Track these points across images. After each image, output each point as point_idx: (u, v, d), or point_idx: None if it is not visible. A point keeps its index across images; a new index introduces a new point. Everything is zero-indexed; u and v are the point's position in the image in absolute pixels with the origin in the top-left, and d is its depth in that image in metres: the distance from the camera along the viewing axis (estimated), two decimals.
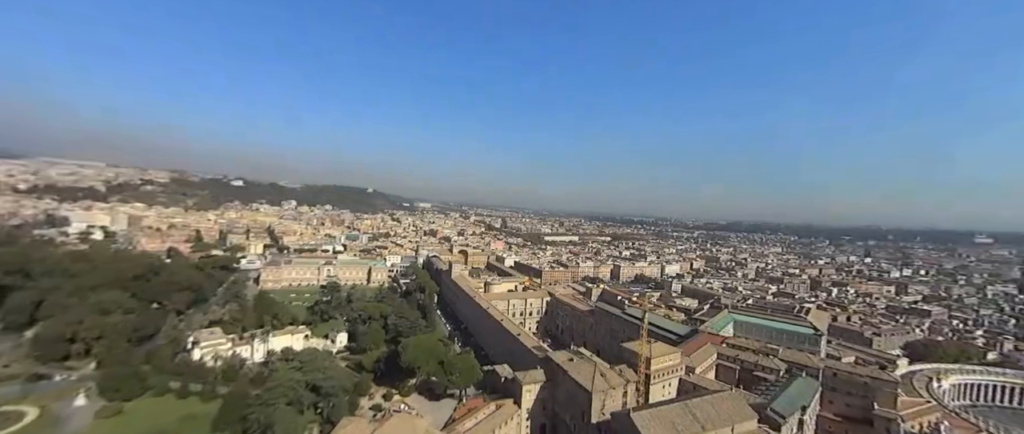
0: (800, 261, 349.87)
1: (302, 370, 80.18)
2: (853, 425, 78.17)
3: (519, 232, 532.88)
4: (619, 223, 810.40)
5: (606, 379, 71.25)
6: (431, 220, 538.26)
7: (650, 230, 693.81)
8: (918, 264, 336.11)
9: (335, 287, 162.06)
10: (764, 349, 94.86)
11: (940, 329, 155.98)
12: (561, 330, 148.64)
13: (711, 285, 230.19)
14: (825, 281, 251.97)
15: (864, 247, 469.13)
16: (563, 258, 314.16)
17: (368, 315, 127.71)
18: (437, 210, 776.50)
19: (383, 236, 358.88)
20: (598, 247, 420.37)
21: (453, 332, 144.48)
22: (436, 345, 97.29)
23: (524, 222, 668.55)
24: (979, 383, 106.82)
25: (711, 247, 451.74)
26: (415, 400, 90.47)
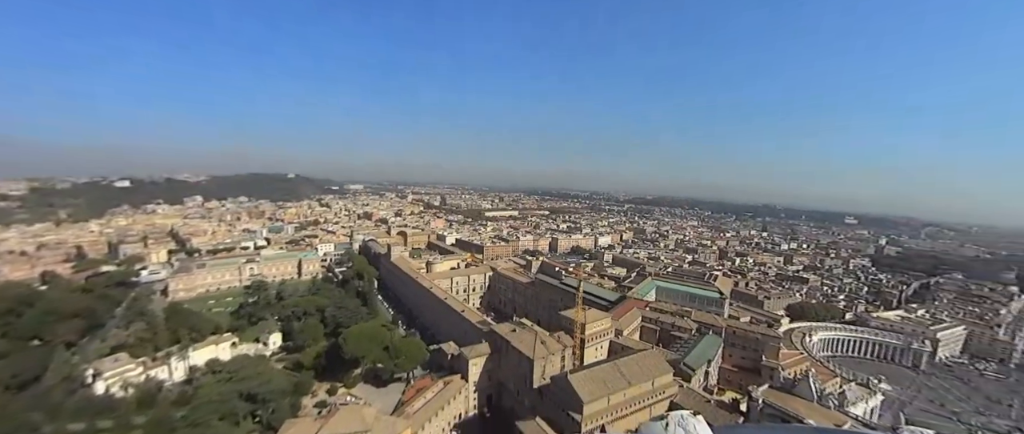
0: (711, 234, 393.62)
1: (233, 380, 75.53)
2: (746, 374, 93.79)
3: (459, 209, 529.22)
4: (557, 197, 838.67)
5: (546, 346, 77.03)
6: (365, 203, 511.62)
7: (585, 204, 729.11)
8: (802, 239, 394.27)
9: (262, 286, 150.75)
10: (680, 311, 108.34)
11: (814, 294, 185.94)
12: (504, 303, 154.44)
13: (638, 255, 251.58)
14: (730, 251, 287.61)
15: (762, 222, 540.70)
16: (504, 233, 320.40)
17: (303, 310, 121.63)
18: (371, 192, 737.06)
19: (312, 224, 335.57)
20: (537, 221, 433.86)
21: (396, 316, 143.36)
22: (379, 331, 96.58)
23: (464, 199, 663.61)
24: (838, 338, 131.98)
25: (639, 220, 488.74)
26: (361, 390, 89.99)
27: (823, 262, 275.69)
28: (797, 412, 62.71)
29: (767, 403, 64.85)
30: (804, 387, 70.24)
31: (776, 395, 68.98)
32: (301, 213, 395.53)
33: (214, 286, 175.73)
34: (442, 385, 79.56)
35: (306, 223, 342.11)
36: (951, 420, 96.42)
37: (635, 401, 66.70)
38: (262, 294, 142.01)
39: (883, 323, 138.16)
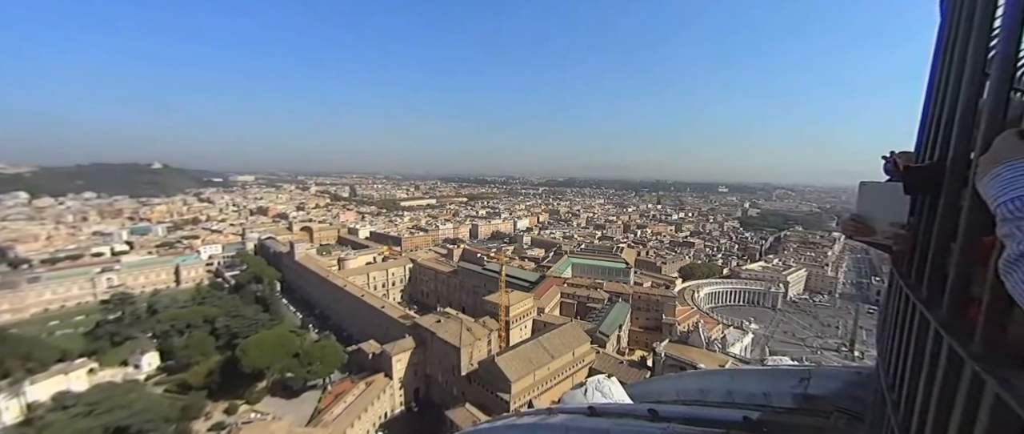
0: (616, 210, 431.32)
1: (94, 414, 62.00)
2: (650, 333, 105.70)
3: (372, 200, 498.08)
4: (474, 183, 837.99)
5: (472, 333, 77.72)
6: (258, 196, 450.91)
7: (502, 188, 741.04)
8: (688, 208, 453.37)
9: (126, 299, 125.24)
10: (593, 284, 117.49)
11: (699, 255, 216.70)
12: (426, 294, 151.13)
13: (554, 235, 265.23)
14: (632, 225, 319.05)
15: (657, 196, 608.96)
16: (423, 223, 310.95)
17: (186, 323, 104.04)
18: (263, 183, 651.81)
19: (190, 223, 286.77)
20: (456, 208, 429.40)
21: (305, 319, 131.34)
22: (286, 338, 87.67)
23: (377, 188, 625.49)
24: (719, 291, 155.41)
25: (553, 201, 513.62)
26: (268, 404, 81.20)
27: (705, 227, 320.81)
28: (691, 359, 73.00)
29: (668, 355, 74.33)
30: (696, 337, 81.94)
31: (675, 347, 79.40)
32: (174, 210, 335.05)
33: (56, 303, 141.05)
34: (364, 386, 75.61)
35: (182, 222, 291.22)
36: (800, 345, 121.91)
37: (559, 373, 71.20)
38: (127, 308, 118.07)
39: (750, 274, 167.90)
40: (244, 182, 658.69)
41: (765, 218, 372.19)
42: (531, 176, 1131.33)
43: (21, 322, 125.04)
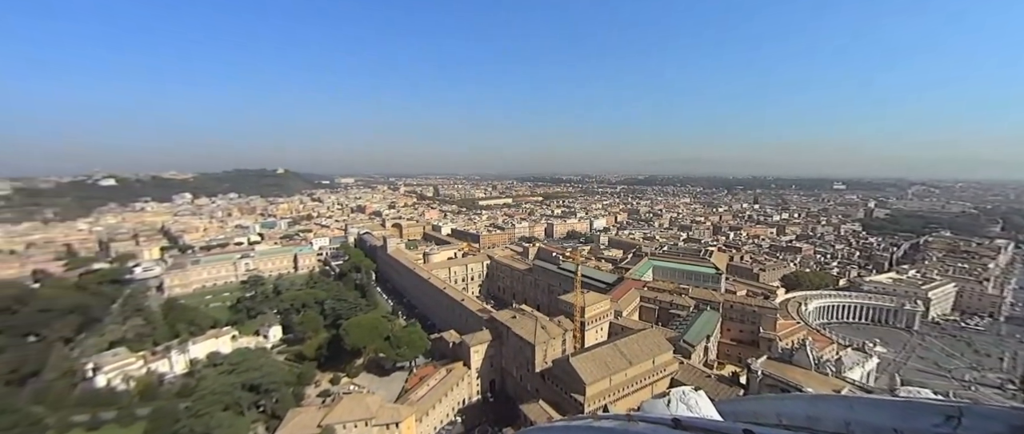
0: (705, 210, 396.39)
1: (235, 372, 75.40)
2: (744, 347, 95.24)
3: (453, 199, 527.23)
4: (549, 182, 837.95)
5: (546, 331, 77.88)
6: (357, 196, 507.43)
7: (578, 187, 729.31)
8: (793, 208, 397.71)
9: (258, 280, 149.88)
10: (677, 289, 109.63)
11: (807, 263, 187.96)
12: (503, 290, 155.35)
13: (633, 236, 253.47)
14: (724, 226, 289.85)
15: (754, 195, 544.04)
16: (499, 221, 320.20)
17: (301, 303, 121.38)
18: (362, 185, 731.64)
19: (305, 219, 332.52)
20: (531, 207, 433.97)
21: (396, 306, 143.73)
22: (380, 322, 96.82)
23: (457, 188, 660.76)
24: (833, 304, 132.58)
25: (632, 201, 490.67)
26: (364, 379, 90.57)
27: (815, 230, 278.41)
28: (796, 381, 64.27)
29: (766, 374, 66.30)
30: (802, 356, 71.87)
31: (775, 365, 70.49)
32: (293, 208, 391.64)
33: (210, 281, 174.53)
34: (445, 372, 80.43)
35: (299, 218, 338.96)
36: (945, 378, 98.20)
37: (636, 380, 67.99)
38: (259, 288, 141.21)
39: (876, 286, 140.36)
40: (346, 184, 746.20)
41: (896, 220, 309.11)
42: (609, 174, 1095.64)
43: (187, 295, 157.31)
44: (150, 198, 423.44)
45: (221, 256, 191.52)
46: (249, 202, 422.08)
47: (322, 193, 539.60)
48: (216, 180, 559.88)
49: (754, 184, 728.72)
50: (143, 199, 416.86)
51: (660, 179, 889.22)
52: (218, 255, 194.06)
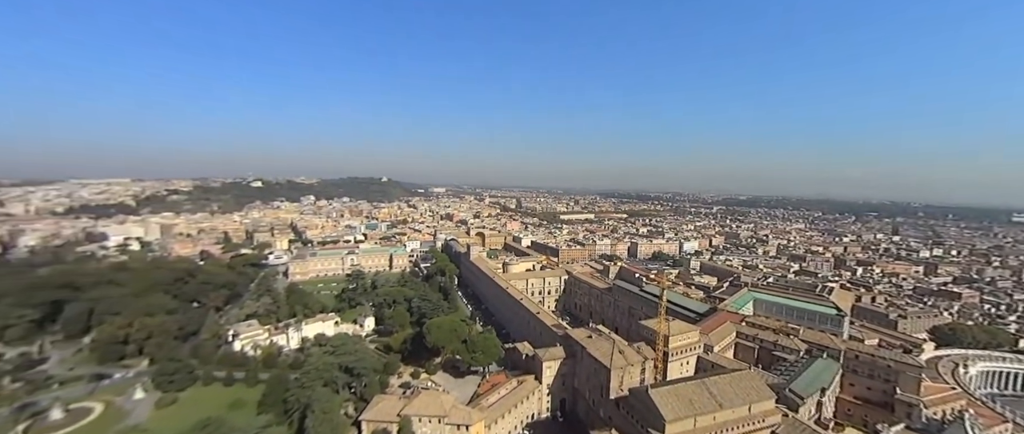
0: (823, 238, 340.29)
1: (335, 354, 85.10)
2: (872, 409, 78.01)
3: (534, 212, 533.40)
4: (635, 199, 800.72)
5: (624, 356, 73.42)
6: (446, 204, 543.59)
7: (667, 206, 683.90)
8: (950, 243, 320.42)
9: (359, 275, 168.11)
10: (784, 329, 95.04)
11: (970, 313, 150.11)
12: (579, 308, 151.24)
13: (731, 262, 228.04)
14: (850, 259, 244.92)
15: (892, 224, 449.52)
16: (580, 236, 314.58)
17: (393, 299, 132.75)
18: (452, 194, 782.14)
19: (401, 223, 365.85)
20: (614, 224, 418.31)
21: (474, 312, 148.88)
22: (459, 325, 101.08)
23: (539, 201, 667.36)
24: (1009, 371, 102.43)
25: (731, 223, 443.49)
26: (441, 377, 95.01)
27: (982, 272, 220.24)
28: None
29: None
30: (957, 431, 56.59)
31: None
32: (392, 213, 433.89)
33: (322, 272, 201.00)
34: (516, 383, 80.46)
35: (396, 222, 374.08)
36: None
37: (728, 427, 60.08)
38: (360, 282, 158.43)
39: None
40: (438, 193, 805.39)
41: None
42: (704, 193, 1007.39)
43: (304, 281, 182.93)
44: (284, 198, 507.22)
45: (333, 251, 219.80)
46: (358, 206, 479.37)
47: (417, 200, 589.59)
48: (334, 185, 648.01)
49: (893, 211, 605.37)
50: (279, 199, 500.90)
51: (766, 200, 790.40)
52: (330, 250, 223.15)
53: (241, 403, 78.92)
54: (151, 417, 75.14)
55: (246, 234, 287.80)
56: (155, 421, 73.01)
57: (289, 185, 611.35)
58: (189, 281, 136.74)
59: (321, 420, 64.81)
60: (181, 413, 75.60)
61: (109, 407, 78.70)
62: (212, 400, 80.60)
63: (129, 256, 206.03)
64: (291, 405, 72.23)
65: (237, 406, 77.90)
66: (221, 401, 79.87)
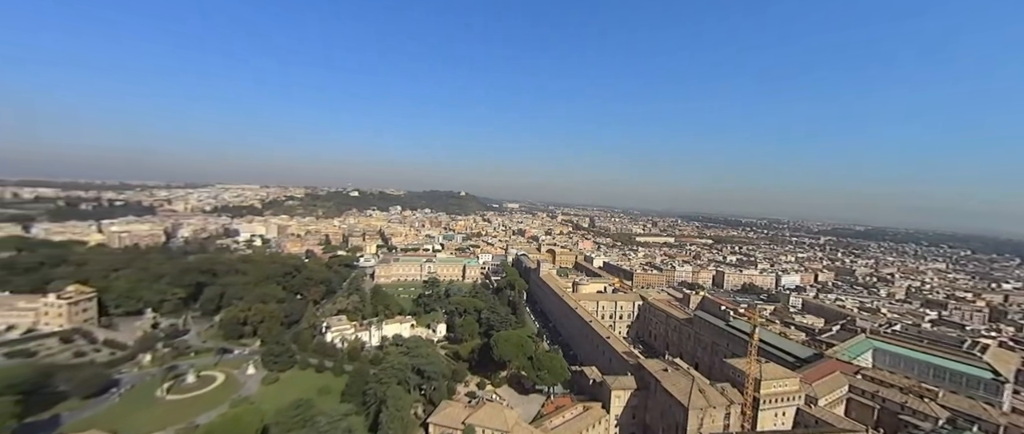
0: (974, 282, 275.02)
1: (409, 355, 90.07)
2: None
3: (608, 232, 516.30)
4: (722, 224, 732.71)
5: (705, 396, 66.45)
6: (519, 220, 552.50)
7: (762, 233, 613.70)
8: None
9: (435, 282, 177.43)
10: (916, 389, 78.01)
11: None
12: (654, 337, 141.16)
13: (842, 302, 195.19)
14: (1012, 311, 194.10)
15: None
16: (657, 260, 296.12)
17: (463, 309, 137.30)
18: (524, 210, 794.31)
19: (475, 236, 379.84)
20: (697, 250, 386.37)
21: (541, 329, 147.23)
22: (526, 341, 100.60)
23: (614, 221, 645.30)
24: None
25: (843, 257, 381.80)
26: (505, 391, 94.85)
27: None
28: None
29: None
30: None
31: None
32: (468, 225, 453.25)
33: (403, 277, 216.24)
34: (582, 409, 77.04)
35: (471, 234, 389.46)
36: None
37: None
38: (435, 289, 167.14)
39: None
40: (512, 208, 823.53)
41: None
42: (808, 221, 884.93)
43: (387, 284, 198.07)
44: (376, 208, 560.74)
45: (413, 258, 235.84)
46: (437, 217, 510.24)
47: (491, 215, 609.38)
48: (418, 197, 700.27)
49: None
50: (372, 208, 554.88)
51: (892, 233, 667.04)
52: (411, 257, 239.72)
53: (328, 389, 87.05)
54: (258, 392, 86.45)
55: (342, 238, 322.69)
56: (261, 396, 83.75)
57: (380, 196, 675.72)
58: (296, 275, 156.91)
59: (394, 417, 68.64)
60: (281, 391, 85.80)
61: (228, 378, 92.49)
62: (305, 383, 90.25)
63: (252, 250, 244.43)
64: (369, 398, 77.71)
65: (325, 392, 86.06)
66: (312, 385, 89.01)
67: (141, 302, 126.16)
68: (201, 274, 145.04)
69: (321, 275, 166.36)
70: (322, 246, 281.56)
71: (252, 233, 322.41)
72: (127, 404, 79.67)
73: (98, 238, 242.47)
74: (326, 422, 64.51)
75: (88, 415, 74.69)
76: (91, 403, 78.85)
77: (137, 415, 74.68)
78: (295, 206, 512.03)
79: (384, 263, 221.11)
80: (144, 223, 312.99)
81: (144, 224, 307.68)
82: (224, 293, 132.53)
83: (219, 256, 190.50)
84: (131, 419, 72.76)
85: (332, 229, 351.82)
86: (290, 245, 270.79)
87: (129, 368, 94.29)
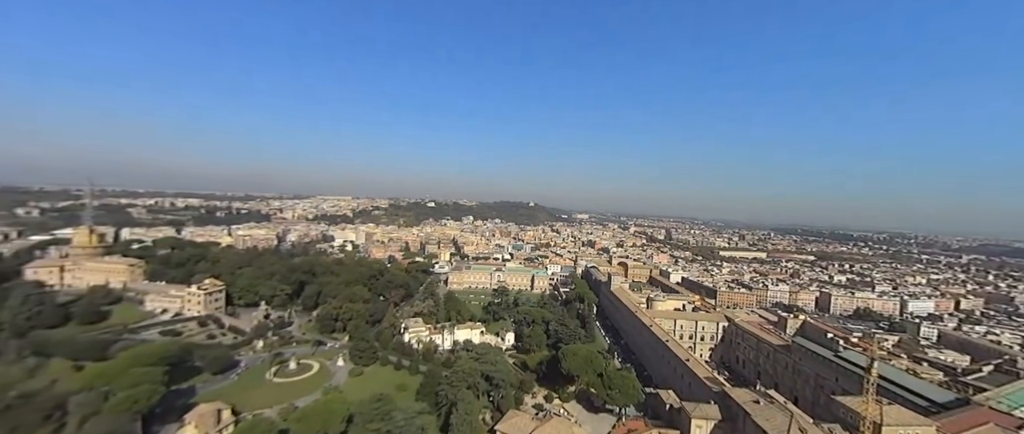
0: None
1: (479, 361, 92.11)
2: None
3: (687, 245, 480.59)
4: (826, 238, 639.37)
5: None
6: (589, 231, 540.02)
7: (880, 250, 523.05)
8: None
9: (504, 291, 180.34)
10: None
11: None
12: (742, 363, 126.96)
13: (996, 337, 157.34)
14: None
15: None
16: (745, 278, 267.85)
17: (532, 319, 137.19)
18: (595, 221, 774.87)
19: (544, 246, 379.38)
20: (796, 267, 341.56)
21: (613, 346, 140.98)
22: (595, 357, 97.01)
23: (693, 234, 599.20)
24: None
25: (996, 280, 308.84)
26: (574, 407, 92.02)
27: None
28: None
29: None
30: None
31: None
32: (537, 236, 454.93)
33: (474, 284, 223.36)
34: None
35: (540, 245, 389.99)
36: None
37: None
38: (503, 298, 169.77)
39: None
40: (581, 219, 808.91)
41: None
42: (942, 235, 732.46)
43: (459, 291, 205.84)
44: (450, 217, 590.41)
45: (483, 266, 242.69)
46: (507, 227, 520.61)
47: (560, 225, 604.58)
48: (488, 208, 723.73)
49: None
50: (446, 217, 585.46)
51: None
52: (482, 265, 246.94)
53: (404, 387, 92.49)
54: (346, 382, 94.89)
55: (420, 245, 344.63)
56: (348, 386, 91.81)
57: (454, 206, 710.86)
58: (379, 278, 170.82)
59: (463, 420, 70.43)
60: (364, 384, 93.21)
61: (322, 367, 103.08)
62: (385, 379, 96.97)
63: (344, 254, 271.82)
64: (441, 399, 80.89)
65: (401, 388, 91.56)
66: (391, 381, 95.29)
67: (257, 295, 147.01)
68: (303, 274, 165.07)
69: (401, 279, 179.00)
70: (402, 252, 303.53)
71: (345, 239, 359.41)
72: (244, 382, 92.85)
73: (228, 240, 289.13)
74: (402, 418, 68.46)
75: (216, 388, 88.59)
76: (218, 378, 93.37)
77: (251, 393, 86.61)
78: (380, 215, 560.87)
79: (457, 270, 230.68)
80: (261, 228, 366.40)
81: (261, 229, 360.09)
82: (321, 291, 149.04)
83: (318, 259, 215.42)
84: (246, 396, 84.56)
85: (411, 237, 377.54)
86: (375, 251, 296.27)
87: (246, 351, 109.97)
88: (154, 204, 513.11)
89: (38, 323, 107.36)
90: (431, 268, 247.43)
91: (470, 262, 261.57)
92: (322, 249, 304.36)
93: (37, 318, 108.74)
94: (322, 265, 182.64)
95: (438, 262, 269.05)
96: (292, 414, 73.97)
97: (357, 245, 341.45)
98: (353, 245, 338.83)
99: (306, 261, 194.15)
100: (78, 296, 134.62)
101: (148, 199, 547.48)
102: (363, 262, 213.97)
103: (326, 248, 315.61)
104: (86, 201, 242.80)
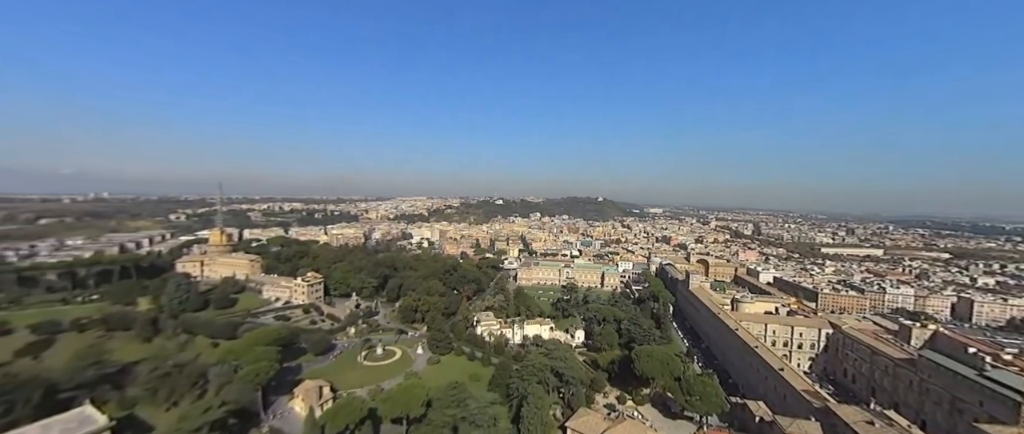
0: None
1: (549, 357, 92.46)
2: None
3: (780, 241, 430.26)
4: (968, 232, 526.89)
5: None
6: (663, 226, 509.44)
7: None
8: None
9: (573, 288, 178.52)
10: None
11: None
12: (851, 377, 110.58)
13: None
14: None
15: None
16: (855, 278, 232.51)
17: (602, 317, 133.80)
18: (669, 215, 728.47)
19: (614, 242, 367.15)
20: (923, 267, 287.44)
21: (692, 349, 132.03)
22: (672, 359, 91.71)
23: (788, 228, 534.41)
24: None
25: None
26: (648, 411, 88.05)
27: None
28: None
29: None
30: None
31: None
32: (606, 232, 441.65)
33: (543, 280, 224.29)
34: None
35: (610, 241, 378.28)
36: None
37: None
38: (573, 294, 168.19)
39: None
40: (654, 213, 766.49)
41: None
42: None
43: (528, 286, 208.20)
44: (518, 214, 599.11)
45: (552, 263, 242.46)
46: (575, 223, 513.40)
47: (631, 221, 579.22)
48: (556, 204, 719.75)
49: None
50: (515, 215, 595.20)
51: None
52: (550, 262, 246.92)
53: (477, 377, 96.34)
54: (424, 370, 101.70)
55: (490, 242, 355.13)
56: (426, 373, 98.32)
57: (522, 203, 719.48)
58: (453, 273, 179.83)
59: (534, 414, 71.37)
60: (441, 372, 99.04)
61: (404, 354, 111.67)
62: (459, 368, 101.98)
63: (421, 251, 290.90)
64: (512, 391, 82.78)
65: (475, 378, 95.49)
66: (465, 371, 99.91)
67: (349, 287, 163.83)
68: (386, 268, 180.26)
69: (473, 274, 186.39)
70: (473, 249, 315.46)
71: (421, 237, 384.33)
72: (339, 364, 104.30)
73: (324, 238, 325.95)
74: (475, 406, 71.42)
75: (317, 367, 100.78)
76: (319, 359, 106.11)
77: (345, 373, 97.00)
78: (452, 214, 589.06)
79: (525, 266, 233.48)
80: (351, 228, 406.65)
81: (351, 228, 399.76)
82: (402, 284, 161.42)
83: (398, 255, 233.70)
84: (342, 376, 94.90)
85: (481, 234, 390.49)
86: (449, 247, 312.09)
87: (341, 337, 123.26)
88: (267, 208, 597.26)
89: (187, 307, 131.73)
90: (500, 264, 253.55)
91: (538, 258, 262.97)
92: (402, 246, 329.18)
93: (186, 303, 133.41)
94: (402, 260, 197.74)
95: (507, 258, 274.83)
96: (379, 395, 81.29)
97: (432, 242, 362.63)
98: (429, 242, 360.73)
99: (388, 257, 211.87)
100: (214, 286, 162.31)
101: (262, 204, 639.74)
102: (438, 258, 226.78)
103: (405, 245, 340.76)
104: (218, 208, 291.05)
